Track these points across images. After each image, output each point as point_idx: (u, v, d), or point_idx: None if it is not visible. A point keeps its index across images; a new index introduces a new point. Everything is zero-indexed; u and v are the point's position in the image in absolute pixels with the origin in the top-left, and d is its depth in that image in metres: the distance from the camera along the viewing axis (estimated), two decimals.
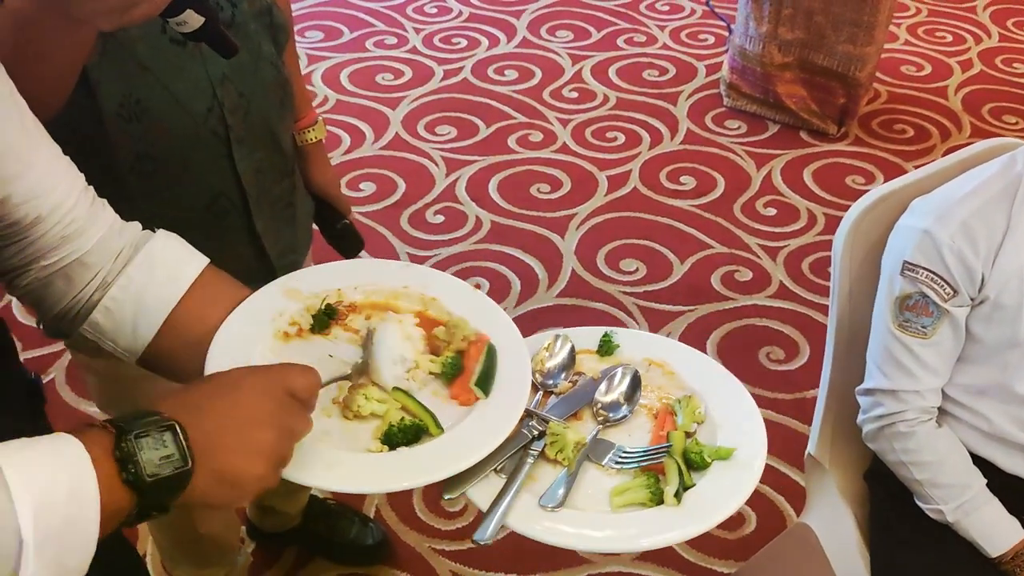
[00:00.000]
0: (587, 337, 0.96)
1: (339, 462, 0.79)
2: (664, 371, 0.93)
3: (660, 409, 0.89)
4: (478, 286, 2.56)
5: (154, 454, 0.63)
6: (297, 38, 3.64)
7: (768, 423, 2.27)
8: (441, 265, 2.64)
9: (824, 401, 1.46)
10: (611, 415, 0.89)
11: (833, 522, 1.44)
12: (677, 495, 0.80)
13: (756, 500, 2.04)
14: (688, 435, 0.87)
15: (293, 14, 4.09)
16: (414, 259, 2.66)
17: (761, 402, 2.23)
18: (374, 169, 3.02)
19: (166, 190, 1.20)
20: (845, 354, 1.42)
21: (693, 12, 4.02)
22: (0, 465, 0.57)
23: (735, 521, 2.00)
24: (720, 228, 2.83)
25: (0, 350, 0.79)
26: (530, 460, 0.83)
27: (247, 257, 1.31)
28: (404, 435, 0.81)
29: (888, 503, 1.35)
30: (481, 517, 0.79)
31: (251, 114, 1.24)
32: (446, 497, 0.81)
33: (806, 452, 1.52)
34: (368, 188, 2.93)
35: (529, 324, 2.45)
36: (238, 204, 1.26)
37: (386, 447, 0.81)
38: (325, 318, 0.92)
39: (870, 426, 1.30)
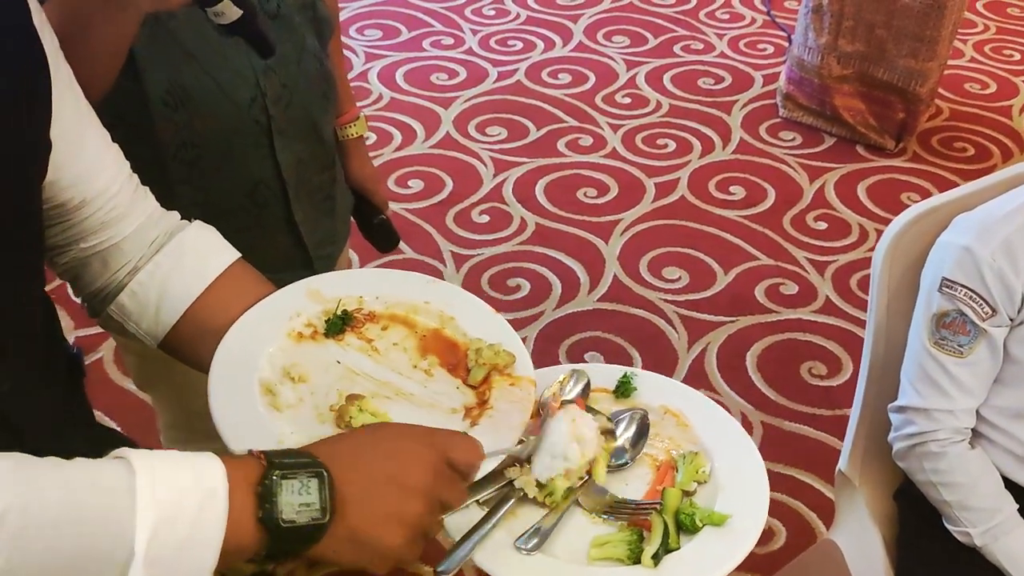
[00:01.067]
0: (605, 375, 0.93)
1: None
2: (679, 422, 0.90)
3: (663, 462, 0.86)
4: (518, 287, 2.58)
5: (295, 498, 0.61)
6: (356, 36, 3.73)
7: (805, 439, 2.24)
8: (483, 265, 2.65)
9: (857, 417, 1.44)
10: (612, 460, 0.86)
11: (860, 540, 1.41)
12: (655, 557, 0.77)
13: (787, 515, 2.01)
14: (687, 494, 0.84)
15: (353, 12, 4.16)
16: (457, 257, 2.68)
17: (799, 417, 2.23)
18: (423, 167, 3.04)
19: (208, 177, 1.22)
20: (881, 370, 1.39)
21: (753, 21, 3.98)
22: (135, 469, 0.57)
23: (764, 535, 1.97)
24: (767, 240, 2.79)
25: (45, 324, 0.81)
26: (514, 498, 0.81)
27: (285, 246, 1.33)
28: None
29: (917, 524, 1.32)
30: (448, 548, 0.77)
31: (293, 105, 1.26)
32: None
33: (837, 468, 1.49)
34: (416, 185, 2.96)
35: (568, 327, 2.45)
36: (278, 194, 1.28)
37: None
38: (340, 323, 0.91)
39: (901, 444, 1.27)
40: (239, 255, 0.92)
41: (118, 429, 0.98)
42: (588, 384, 0.92)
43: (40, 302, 0.80)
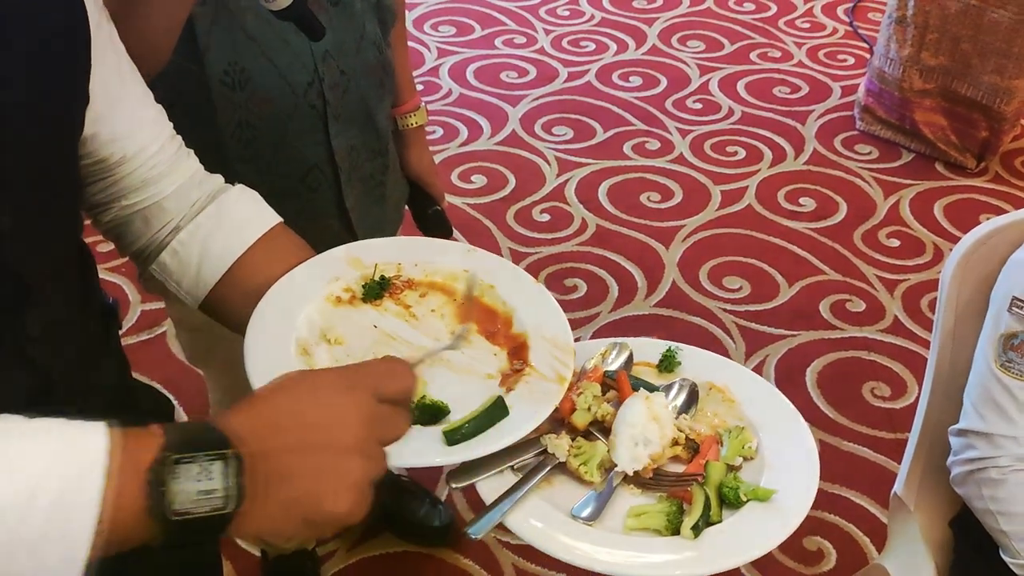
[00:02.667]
0: (649, 350, 0.91)
1: None
2: (724, 397, 0.87)
3: (707, 436, 0.83)
4: (575, 287, 2.55)
5: (192, 485, 0.53)
6: (429, 32, 3.74)
7: (862, 460, 2.16)
8: (541, 263, 2.63)
9: (916, 440, 1.37)
10: None
11: (911, 566, 1.35)
12: (695, 528, 0.74)
13: (838, 537, 1.94)
14: (732, 468, 0.80)
15: (429, 8, 4.18)
16: (516, 254, 2.66)
17: (858, 438, 2.15)
18: (487, 163, 3.03)
19: (263, 158, 1.23)
20: (944, 391, 1.33)
21: (835, 31, 3.88)
22: None
23: (814, 556, 1.90)
24: (836, 254, 2.71)
25: (81, 273, 0.82)
26: (549, 465, 0.79)
27: (335, 230, 1.33)
28: (421, 414, 0.80)
29: (972, 553, 1.25)
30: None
31: (350, 92, 1.26)
32: (452, 486, 0.78)
33: (892, 491, 1.43)
34: (479, 181, 2.95)
35: (622, 330, 2.41)
36: (330, 178, 1.28)
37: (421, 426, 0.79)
38: (378, 288, 0.91)
39: (959, 469, 1.21)
40: (280, 219, 0.92)
41: (164, 392, 0.99)
42: (631, 356, 0.90)
43: (77, 251, 0.81)
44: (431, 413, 0.80)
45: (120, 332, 0.95)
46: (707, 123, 3.27)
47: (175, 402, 2.05)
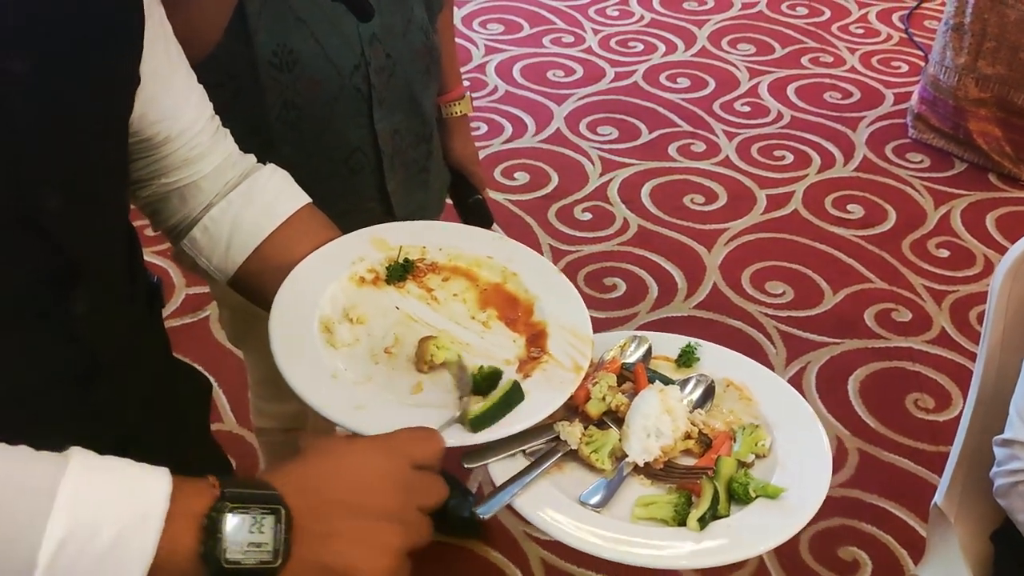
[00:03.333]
0: (668, 344, 0.90)
1: (367, 405, 0.78)
2: (741, 395, 0.86)
3: (721, 432, 0.82)
4: (614, 286, 2.53)
5: (244, 536, 0.55)
6: (478, 29, 3.75)
7: (902, 471, 2.12)
8: (581, 261, 2.61)
9: (959, 450, 1.34)
10: None
11: None
12: (702, 520, 0.73)
13: (875, 548, 1.90)
14: (743, 464, 0.80)
15: (478, 6, 4.20)
16: (556, 252, 2.65)
17: (899, 449, 2.10)
18: (530, 160, 3.03)
19: (307, 140, 1.24)
20: (989, 401, 1.29)
21: (889, 38, 3.81)
22: (66, 471, 0.53)
23: (850, 566, 1.87)
24: (883, 263, 2.66)
25: (128, 251, 0.83)
26: (561, 452, 0.79)
27: (376, 213, 1.33)
28: (488, 382, 0.80)
29: (1014, 568, 1.21)
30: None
31: (395, 76, 1.26)
32: (465, 465, 0.78)
33: (932, 502, 1.39)
34: (522, 178, 2.95)
35: (660, 331, 2.38)
36: (372, 161, 1.29)
37: (480, 396, 0.80)
38: (401, 270, 0.92)
39: (1002, 480, 1.17)
40: (309, 200, 0.93)
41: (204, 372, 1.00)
42: (650, 350, 0.89)
43: (123, 230, 0.82)
44: (492, 379, 0.80)
45: (164, 314, 0.96)
46: (755, 126, 3.23)
47: (214, 382, 2.08)
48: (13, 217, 0.64)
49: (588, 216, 2.80)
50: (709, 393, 0.85)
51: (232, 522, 0.55)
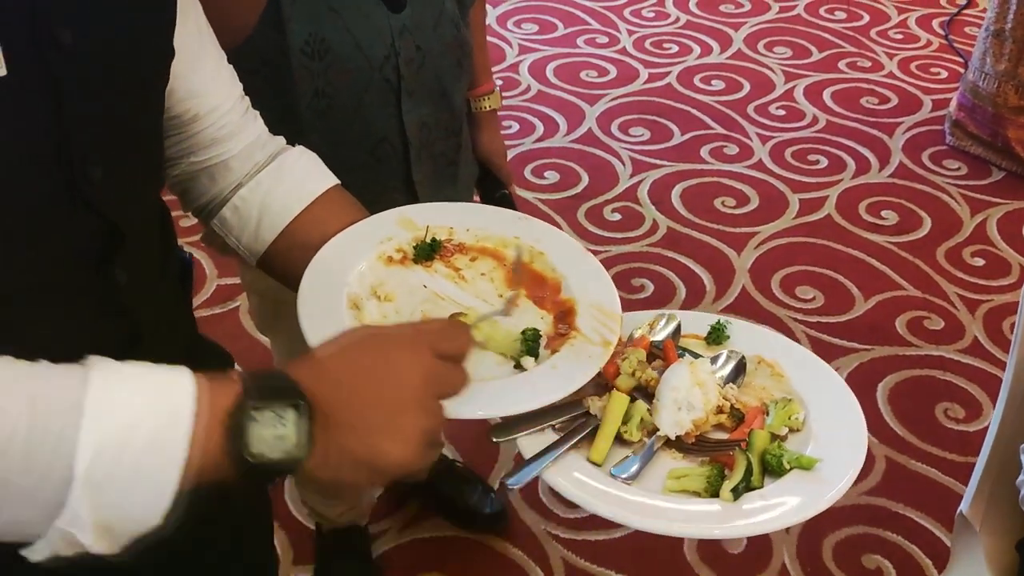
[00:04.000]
0: (697, 322, 0.90)
1: None
2: (773, 372, 0.85)
3: (753, 407, 0.82)
4: (642, 287, 2.52)
5: (268, 431, 0.56)
6: (512, 28, 3.76)
7: (930, 481, 2.09)
8: (609, 262, 2.61)
9: (987, 458, 1.32)
10: None
11: None
12: (735, 491, 0.73)
13: (899, 557, 1.87)
14: (776, 437, 0.79)
15: (513, 5, 4.20)
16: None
17: (927, 458, 2.07)
18: (561, 160, 3.02)
19: (336, 129, 1.25)
20: (1019, 409, 1.27)
21: (928, 44, 3.76)
22: (90, 382, 0.54)
23: (872, 574, 1.84)
24: (917, 270, 2.62)
25: (162, 226, 0.85)
26: (591, 426, 0.79)
27: (401, 204, 1.34)
28: (533, 342, 0.82)
29: None
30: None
31: (425, 68, 1.26)
32: (494, 440, 0.78)
33: (958, 510, 1.37)
34: (552, 177, 2.95)
35: None
36: (399, 152, 1.29)
37: (531, 356, 0.82)
38: (429, 250, 0.92)
39: None
40: (337, 181, 0.94)
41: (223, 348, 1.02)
42: (679, 327, 0.89)
43: (158, 203, 0.84)
44: (535, 339, 0.82)
45: (195, 303, 0.98)
46: (789, 130, 3.20)
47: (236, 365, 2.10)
48: (59, 188, 0.66)
49: (617, 217, 2.79)
50: (740, 368, 0.85)
51: (255, 417, 0.56)
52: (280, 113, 1.09)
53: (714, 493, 0.74)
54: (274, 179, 0.89)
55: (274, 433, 0.57)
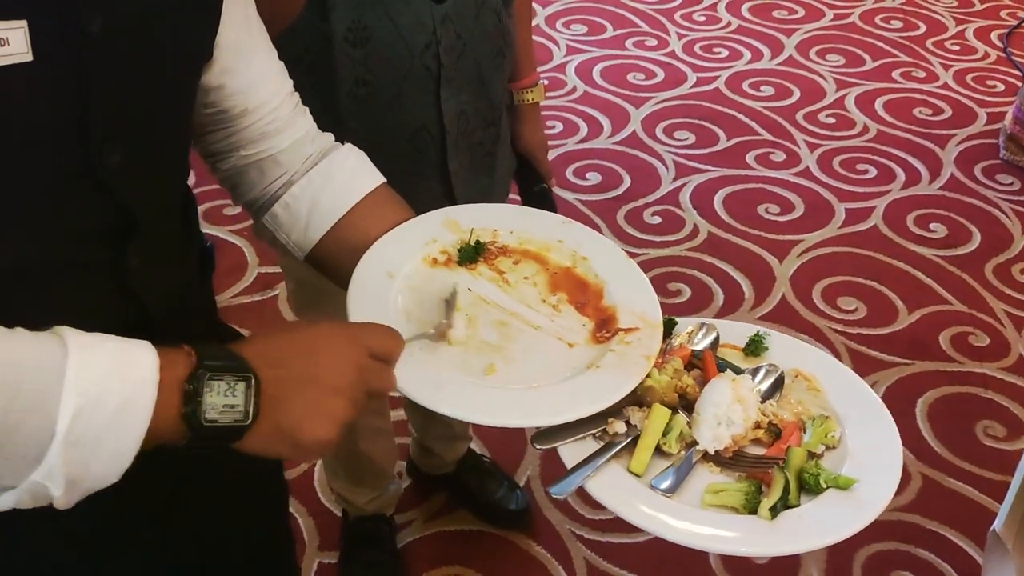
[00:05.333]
0: (736, 333, 0.90)
1: (445, 385, 0.79)
2: (810, 386, 0.85)
3: (790, 423, 0.82)
4: (679, 292, 2.50)
5: (219, 400, 0.63)
6: (561, 29, 3.76)
7: (966, 500, 2.04)
8: (647, 264, 2.59)
9: (1022, 476, 1.28)
10: None
11: None
12: (773, 509, 0.73)
13: (929, 574, 1.83)
14: (813, 455, 0.79)
15: (562, 6, 4.20)
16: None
17: (965, 476, 2.03)
18: (603, 161, 3.01)
19: (375, 116, 1.26)
20: None
21: (986, 56, 3.68)
22: (69, 350, 0.58)
23: None
24: (964, 285, 2.56)
25: (185, 213, 0.86)
26: (632, 436, 0.80)
27: (437, 193, 1.35)
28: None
29: None
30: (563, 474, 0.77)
31: (465, 57, 1.27)
32: (536, 447, 0.79)
33: (991, 528, 1.34)
34: (593, 178, 2.94)
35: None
36: (437, 141, 1.30)
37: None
38: (473, 252, 0.93)
39: None
40: (384, 180, 0.95)
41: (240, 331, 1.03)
42: (718, 338, 0.89)
43: (181, 191, 0.85)
44: (665, 328, 0.86)
45: (235, 290, 0.99)
46: (839, 138, 3.15)
47: None
48: (76, 170, 0.67)
49: (657, 220, 2.77)
50: (778, 384, 0.85)
51: (210, 387, 0.63)
52: (319, 102, 1.10)
53: (752, 510, 0.74)
54: (324, 177, 0.90)
55: (225, 402, 0.63)
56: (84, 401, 0.57)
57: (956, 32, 3.84)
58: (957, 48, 3.73)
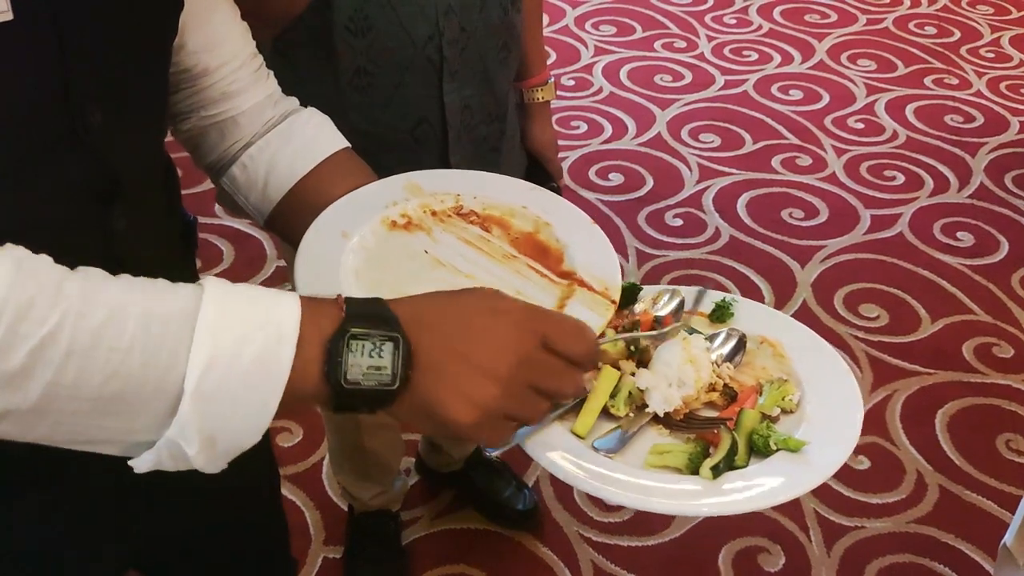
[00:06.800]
0: (706, 300, 0.88)
1: None
2: (775, 352, 0.82)
3: (747, 387, 0.79)
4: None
5: (364, 360, 0.58)
6: (590, 30, 3.74)
7: (984, 514, 2.00)
8: (667, 266, 2.57)
9: None
10: None
11: None
12: (715, 469, 0.71)
13: None
14: (768, 418, 0.76)
15: (592, 7, 4.18)
16: (641, 255, 2.61)
17: (984, 490, 1.98)
18: (626, 162, 2.99)
19: (376, 106, 1.25)
20: None
21: (1021, 64, 3.61)
22: (204, 300, 0.56)
23: None
24: (989, 295, 2.51)
25: (167, 181, 0.86)
26: (577, 398, 0.77)
27: None
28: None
29: None
30: None
31: (468, 50, 1.26)
32: None
33: (1001, 541, 1.31)
34: (616, 179, 2.92)
35: None
36: (438, 134, 1.29)
37: None
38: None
39: None
40: (348, 144, 0.93)
41: None
42: (682, 303, 0.86)
43: (161, 157, 0.84)
44: (630, 293, 0.84)
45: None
46: (867, 144, 3.11)
47: None
48: (61, 131, 0.67)
49: (679, 222, 2.74)
50: (740, 347, 0.82)
51: (354, 346, 0.58)
52: (321, 91, 1.09)
53: (694, 470, 0.72)
54: (283, 139, 0.89)
55: (370, 363, 0.58)
56: (217, 353, 0.54)
57: (991, 39, 3.77)
58: (992, 56, 3.66)
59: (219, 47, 0.85)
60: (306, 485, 1.96)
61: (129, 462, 0.57)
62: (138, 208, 0.76)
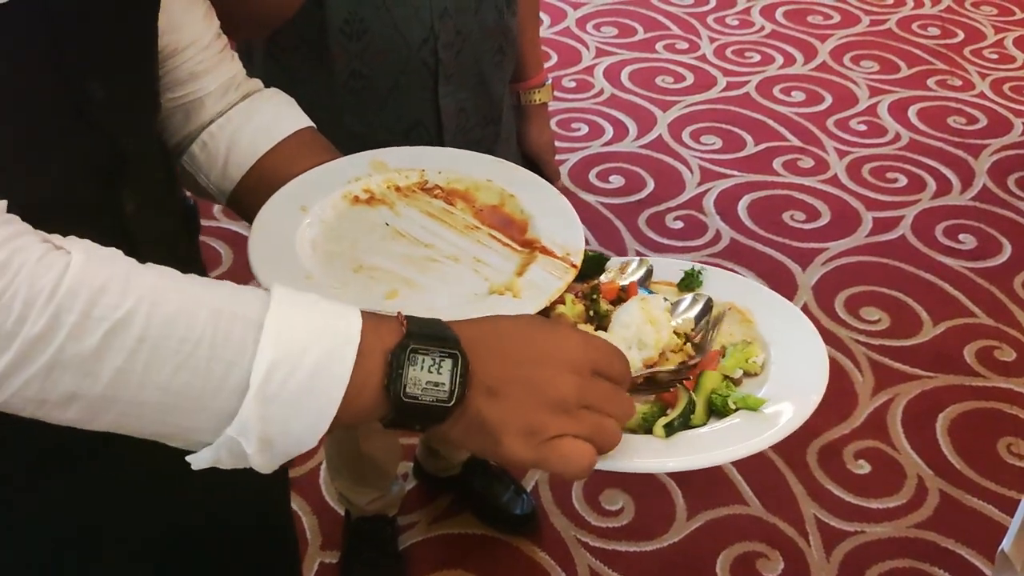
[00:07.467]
0: (671, 269, 0.86)
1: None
2: (743, 318, 0.81)
3: (712, 352, 0.77)
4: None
5: (423, 375, 0.58)
6: (591, 31, 3.74)
7: (985, 519, 1.99)
8: None
9: None
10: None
11: None
12: (668, 427, 0.69)
13: None
14: (731, 380, 0.75)
15: (594, 8, 4.18)
16: (641, 256, 2.60)
17: (985, 495, 1.97)
18: (627, 164, 2.98)
19: (371, 109, 1.25)
20: None
21: None
22: (271, 304, 0.57)
23: None
24: (992, 298, 2.50)
25: (165, 163, 0.85)
26: None
27: None
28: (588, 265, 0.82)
29: None
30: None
31: (464, 53, 1.25)
32: None
33: (999, 548, 1.30)
34: (616, 181, 2.91)
35: None
36: (433, 137, 1.29)
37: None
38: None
39: None
40: (312, 123, 0.92)
41: None
42: (650, 271, 0.85)
43: (158, 136, 0.84)
44: (597, 263, 0.83)
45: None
46: (869, 146, 3.10)
47: None
48: (64, 108, 0.67)
49: (679, 225, 2.74)
50: (707, 310, 0.81)
51: (414, 360, 0.58)
52: (316, 94, 1.09)
53: (648, 430, 0.70)
54: (244, 116, 0.88)
55: (429, 378, 0.58)
56: (281, 356, 0.55)
57: (995, 40, 3.75)
58: (996, 57, 3.64)
59: (187, 26, 0.84)
60: (303, 490, 1.96)
61: (187, 458, 0.58)
62: (143, 186, 0.76)
